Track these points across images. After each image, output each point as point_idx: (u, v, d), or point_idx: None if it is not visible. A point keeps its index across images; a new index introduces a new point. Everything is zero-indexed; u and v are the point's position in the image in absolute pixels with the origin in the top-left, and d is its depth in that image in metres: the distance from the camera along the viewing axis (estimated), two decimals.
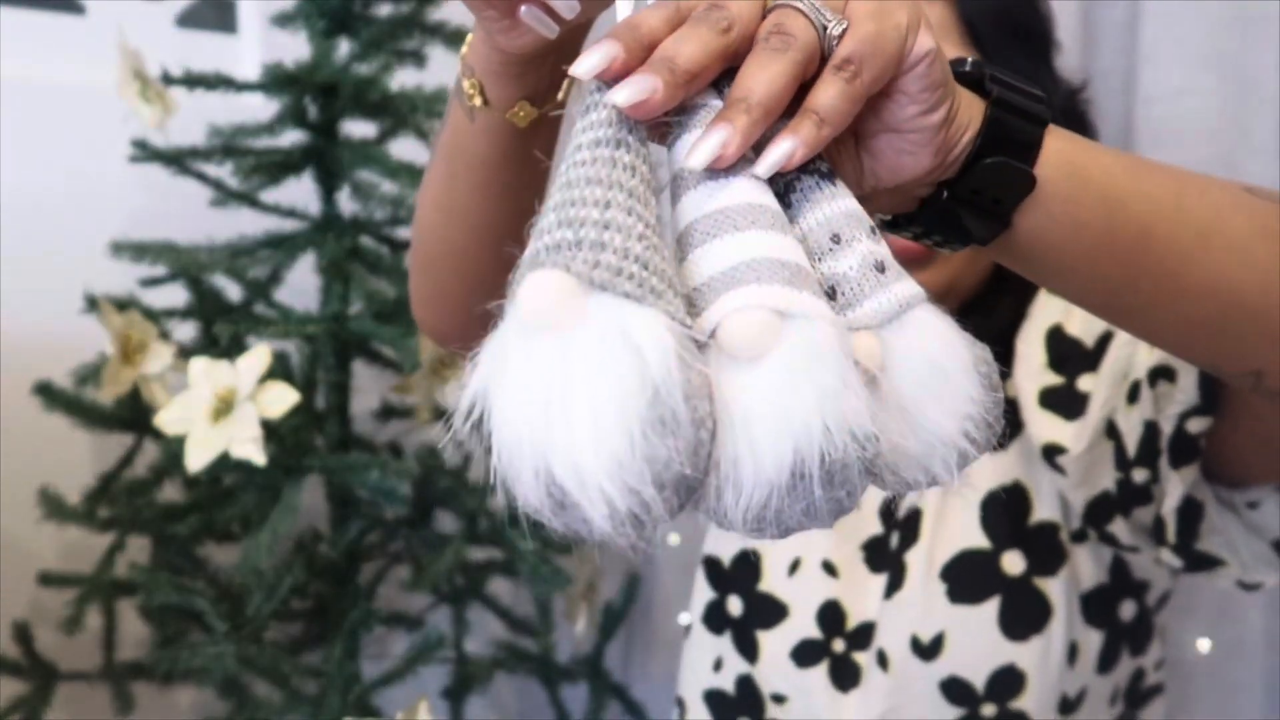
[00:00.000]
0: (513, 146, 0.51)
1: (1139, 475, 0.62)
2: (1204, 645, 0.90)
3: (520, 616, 1.30)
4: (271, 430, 0.88)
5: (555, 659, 1.24)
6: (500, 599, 1.28)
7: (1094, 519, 0.67)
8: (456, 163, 0.53)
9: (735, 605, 0.76)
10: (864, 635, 0.71)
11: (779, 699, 0.73)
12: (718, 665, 0.77)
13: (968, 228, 0.43)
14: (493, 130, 0.50)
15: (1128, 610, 0.71)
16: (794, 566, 0.74)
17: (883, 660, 0.70)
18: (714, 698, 0.77)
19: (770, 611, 0.73)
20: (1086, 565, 0.70)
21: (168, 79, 1.03)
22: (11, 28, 1.20)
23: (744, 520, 0.32)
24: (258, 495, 0.98)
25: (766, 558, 0.75)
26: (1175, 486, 0.60)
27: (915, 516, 0.71)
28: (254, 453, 0.83)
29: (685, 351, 0.30)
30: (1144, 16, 1.02)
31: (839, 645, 0.72)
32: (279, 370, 0.99)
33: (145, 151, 1.06)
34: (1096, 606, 0.69)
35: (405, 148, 1.11)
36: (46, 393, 0.97)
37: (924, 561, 0.69)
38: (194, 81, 1.04)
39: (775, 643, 0.73)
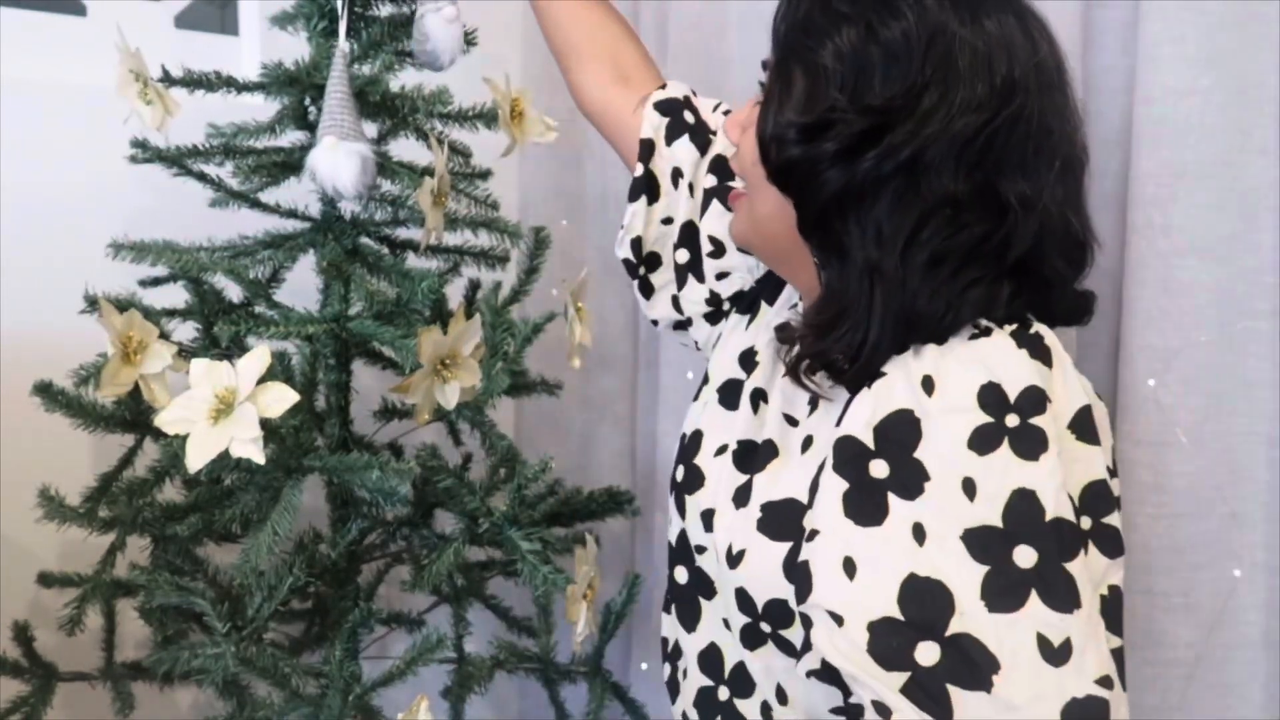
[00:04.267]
0: None
1: None
2: None
3: (520, 616, 1.30)
4: (271, 430, 0.88)
5: (555, 659, 1.25)
6: (500, 599, 1.29)
7: None
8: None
9: (680, 473, 0.89)
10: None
11: (700, 549, 0.86)
12: (668, 522, 0.92)
13: None
14: None
15: None
16: (720, 450, 0.86)
17: (729, 554, 0.80)
18: (669, 547, 0.92)
19: (697, 480, 0.87)
20: None
21: (168, 79, 1.03)
22: (13, 28, 1.20)
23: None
24: (258, 495, 0.98)
25: (705, 438, 0.88)
26: None
27: (771, 452, 0.81)
28: (254, 453, 0.83)
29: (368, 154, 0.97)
30: (1144, 16, 1.02)
31: None
32: (279, 370, 0.99)
33: (145, 151, 1.06)
34: None
35: (405, 148, 1.11)
36: (46, 393, 0.97)
37: (760, 489, 0.79)
38: (194, 82, 1.04)
39: (691, 505, 0.87)
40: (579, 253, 1.57)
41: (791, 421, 0.81)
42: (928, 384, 0.69)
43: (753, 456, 0.83)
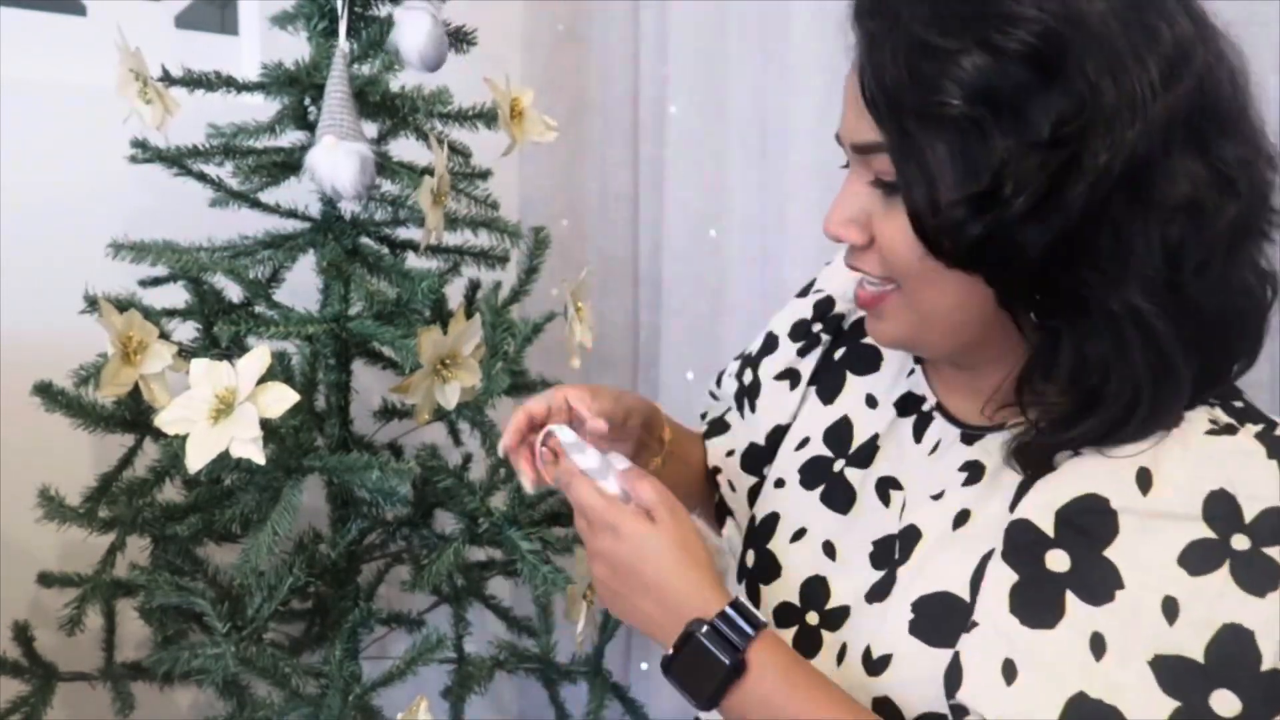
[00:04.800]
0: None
1: None
2: None
3: (520, 616, 1.30)
4: (271, 430, 0.88)
5: (555, 659, 1.25)
6: (500, 599, 1.29)
7: None
8: None
9: (750, 559, 0.82)
10: (839, 618, 0.73)
11: None
12: None
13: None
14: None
15: None
16: (797, 535, 0.79)
17: (842, 653, 0.71)
18: None
19: (770, 569, 0.79)
20: None
21: (168, 79, 1.03)
22: (13, 28, 1.20)
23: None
24: (258, 495, 0.98)
25: (781, 522, 0.81)
26: None
27: (914, 536, 0.71)
28: (254, 453, 0.83)
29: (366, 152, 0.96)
30: None
31: (813, 618, 0.75)
32: (279, 370, 0.99)
33: (145, 151, 1.06)
34: None
35: (405, 148, 1.11)
36: (46, 393, 0.97)
37: (907, 582, 0.69)
38: (194, 82, 1.04)
39: (768, 596, 0.78)
40: (579, 253, 1.57)
41: (937, 497, 0.71)
42: (1144, 477, 0.59)
43: (891, 549, 0.72)
